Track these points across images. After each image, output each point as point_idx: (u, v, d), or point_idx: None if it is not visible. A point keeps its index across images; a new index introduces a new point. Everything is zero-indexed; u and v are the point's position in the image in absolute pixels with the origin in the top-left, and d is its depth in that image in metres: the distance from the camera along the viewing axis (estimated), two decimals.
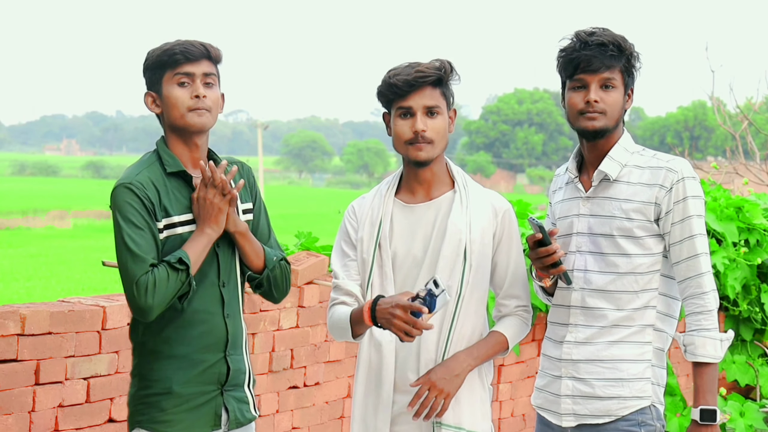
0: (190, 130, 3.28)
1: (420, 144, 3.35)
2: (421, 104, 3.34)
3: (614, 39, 3.40)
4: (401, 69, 3.37)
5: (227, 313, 3.33)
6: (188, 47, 3.27)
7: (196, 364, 3.27)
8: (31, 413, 4.18)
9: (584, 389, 3.46)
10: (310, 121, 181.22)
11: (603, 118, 3.40)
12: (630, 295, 3.43)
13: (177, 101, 3.26)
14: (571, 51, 3.42)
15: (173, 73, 3.26)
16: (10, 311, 4.10)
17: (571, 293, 3.49)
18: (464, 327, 3.39)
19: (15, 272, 25.70)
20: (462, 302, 3.38)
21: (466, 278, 3.38)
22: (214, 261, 3.30)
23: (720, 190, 7.54)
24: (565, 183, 3.62)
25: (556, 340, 3.55)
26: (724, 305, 7.52)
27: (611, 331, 3.44)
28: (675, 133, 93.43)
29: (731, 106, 10.79)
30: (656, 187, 3.40)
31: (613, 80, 3.40)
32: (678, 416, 6.72)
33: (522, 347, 6.25)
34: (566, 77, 3.46)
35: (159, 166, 3.27)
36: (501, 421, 6.30)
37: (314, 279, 5.37)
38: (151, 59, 3.31)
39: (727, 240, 7.12)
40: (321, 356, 5.43)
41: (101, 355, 4.40)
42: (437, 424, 3.36)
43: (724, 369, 7.42)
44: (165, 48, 3.29)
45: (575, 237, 3.50)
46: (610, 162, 3.45)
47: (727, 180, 10.26)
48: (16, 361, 4.12)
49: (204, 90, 3.27)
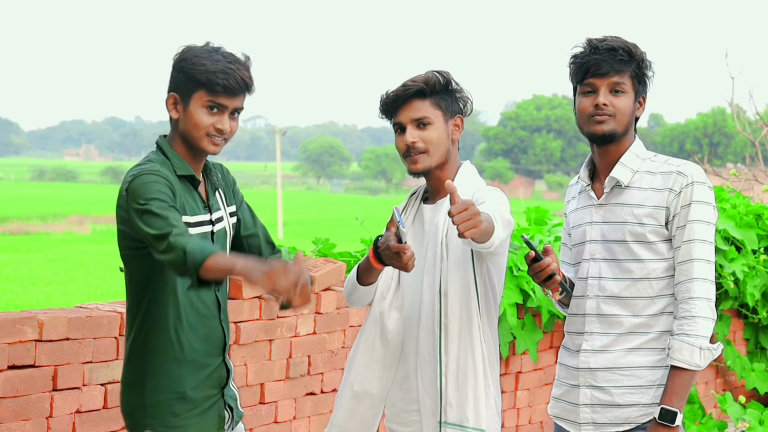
0: (202, 153, 3.27)
1: (413, 156, 3.43)
2: (408, 117, 3.43)
3: (624, 44, 3.40)
4: (395, 87, 3.47)
5: (222, 317, 3.36)
6: (231, 81, 3.17)
7: (203, 368, 3.27)
8: (48, 419, 4.19)
9: (603, 397, 3.44)
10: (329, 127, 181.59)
11: (612, 121, 3.39)
12: (645, 300, 3.41)
13: (200, 124, 3.20)
14: (581, 56, 3.43)
15: (207, 98, 3.18)
16: (27, 317, 4.11)
17: (585, 301, 3.48)
18: (455, 333, 3.41)
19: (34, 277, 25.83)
20: (447, 305, 3.41)
21: (444, 277, 3.41)
22: None
23: (739, 197, 7.51)
24: (578, 192, 3.62)
25: (573, 349, 3.54)
26: (744, 313, 7.48)
27: (628, 338, 3.42)
28: (694, 140, 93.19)
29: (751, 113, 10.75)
30: (666, 191, 3.38)
31: (622, 85, 3.39)
32: (697, 424, 6.69)
33: (540, 354, 6.23)
34: (577, 82, 3.47)
35: (169, 166, 3.23)
36: (519, 429, 6.28)
37: (331, 285, 5.37)
38: (190, 70, 3.18)
39: (747, 247, 7.08)
40: (338, 363, 5.42)
41: (119, 361, 4.40)
42: (443, 423, 3.38)
43: (744, 377, 7.39)
44: (209, 68, 3.16)
45: (588, 245, 3.49)
46: (621, 168, 3.44)
47: (747, 187, 10.21)
48: (33, 367, 4.13)
49: (228, 124, 3.24)
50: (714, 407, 7.35)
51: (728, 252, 6.98)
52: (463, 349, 3.40)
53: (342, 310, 5.40)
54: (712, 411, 7.30)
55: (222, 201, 3.40)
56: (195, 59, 3.18)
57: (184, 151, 3.26)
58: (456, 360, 3.40)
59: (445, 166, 3.48)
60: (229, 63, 3.19)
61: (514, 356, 6.17)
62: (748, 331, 7.60)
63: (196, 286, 2.99)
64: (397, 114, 3.46)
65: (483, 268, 3.43)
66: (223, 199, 3.41)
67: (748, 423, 6.76)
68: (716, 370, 7.46)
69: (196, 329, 3.26)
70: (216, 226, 3.32)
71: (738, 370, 7.36)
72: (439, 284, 3.42)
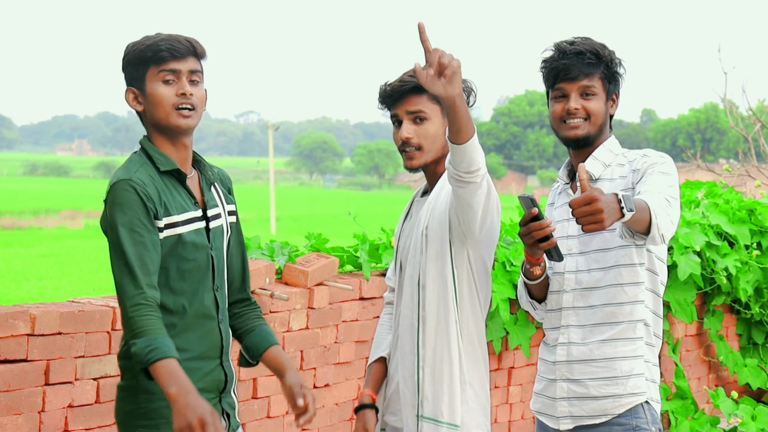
0: (176, 131, 3.18)
1: (408, 152, 3.44)
2: (405, 111, 3.43)
3: (592, 47, 3.44)
4: (395, 79, 3.47)
5: (221, 318, 3.26)
6: (174, 44, 3.14)
7: (196, 372, 3.15)
8: (40, 413, 4.18)
9: (579, 390, 3.47)
10: (321, 122, 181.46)
11: (585, 125, 3.45)
12: (616, 288, 3.43)
13: (162, 99, 3.13)
14: (550, 61, 3.48)
15: (158, 70, 3.13)
16: (20, 311, 4.10)
17: (562, 295, 3.51)
18: (432, 327, 3.42)
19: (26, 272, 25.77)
20: (424, 298, 3.42)
21: (422, 270, 3.43)
22: (209, 264, 3.21)
23: (732, 192, 7.52)
24: (559, 193, 3.68)
25: (550, 344, 3.58)
26: (736, 308, 7.49)
27: (602, 328, 3.45)
28: (687, 136, 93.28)
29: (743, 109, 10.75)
30: (630, 173, 3.42)
31: (592, 87, 3.44)
32: (689, 419, 6.69)
33: (532, 350, 6.23)
34: (548, 87, 3.52)
35: (151, 165, 3.16)
36: (512, 424, 6.29)
37: (324, 280, 5.36)
38: (133, 54, 3.16)
39: (740, 243, 7.09)
40: (331, 358, 5.42)
41: (111, 355, 4.40)
42: (420, 417, 3.40)
43: (736, 373, 7.40)
44: (148, 43, 3.15)
45: (566, 240, 3.52)
46: (593, 161, 3.49)
47: (740, 182, 10.22)
48: (26, 361, 4.12)
49: (190, 88, 3.16)
50: (706, 402, 7.36)
51: (721, 247, 6.99)
52: (440, 343, 3.40)
53: (335, 305, 5.39)
54: (704, 406, 7.31)
55: (219, 197, 3.31)
56: (135, 45, 3.18)
57: (164, 143, 3.19)
58: (432, 353, 3.41)
59: (441, 160, 3.46)
60: (167, 35, 3.18)
61: (507, 351, 6.17)
62: (741, 326, 7.61)
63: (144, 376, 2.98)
64: (394, 107, 3.46)
65: (464, 261, 3.41)
66: (220, 196, 3.32)
67: (740, 418, 6.77)
68: (709, 365, 7.47)
69: (190, 329, 3.17)
70: (212, 222, 3.23)
71: (731, 365, 7.37)
72: (419, 276, 3.43)
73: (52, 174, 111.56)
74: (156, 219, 3.07)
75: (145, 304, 2.97)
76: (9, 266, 26.97)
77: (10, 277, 24.21)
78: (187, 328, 3.17)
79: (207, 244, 3.19)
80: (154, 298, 3.00)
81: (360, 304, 5.54)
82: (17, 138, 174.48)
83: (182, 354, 3.10)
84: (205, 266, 3.20)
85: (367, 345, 5.57)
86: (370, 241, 5.74)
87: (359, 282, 5.53)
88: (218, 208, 3.28)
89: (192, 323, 3.18)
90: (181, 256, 3.13)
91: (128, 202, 3.04)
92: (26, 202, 57.00)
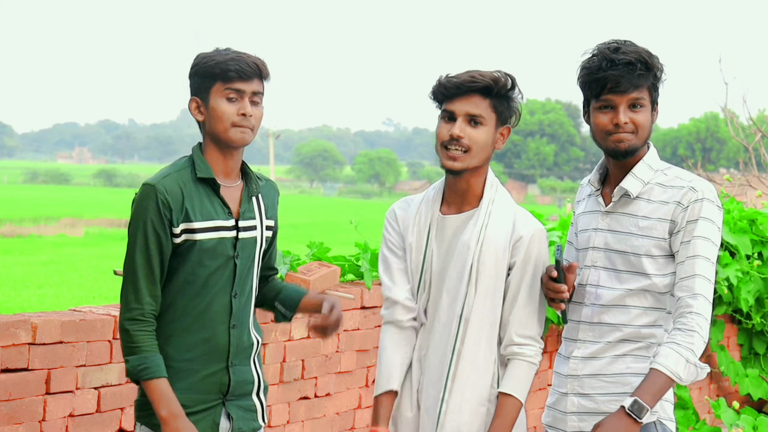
0: (231, 146, 3.29)
1: (453, 152, 3.26)
2: (464, 110, 3.26)
3: (641, 56, 3.29)
4: (459, 73, 3.30)
5: (233, 324, 3.30)
6: (242, 65, 3.25)
7: (193, 373, 3.24)
8: (41, 423, 4.17)
9: (588, 405, 3.41)
10: (322, 131, 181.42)
11: (633, 138, 3.31)
12: (638, 310, 3.36)
13: (223, 115, 3.25)
14: (596, 70, 3.30)
15: (224, 87, 3.25)
16: (21, 320, 4.10)
17: (582, 309, 3.45)
18: (468, 362, 3.27)
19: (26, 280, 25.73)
20: (465, 331, 3.28)
21: (468, 303, 3.27)
22: (229, 270, 3.28)
23: (733, 202, 7.53)
24: (588, 195, 3.56)
25: (565, 356, 3.52)
26: (737, 318, 7.49)
27: (617, 346, 3.38)
28: (687, 145, 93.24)
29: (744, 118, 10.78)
30: (674, 204, 3.31)
31: (641, 100, 3.30)
32: (690, 430, 6.68)
33: None
34: (591, 96, 3.36)
35: (190, 170, 3.27)
36: None
37: (326, 289, 5.36)
38: (202, 66, 3.28)
39: (741, 253, 7.08)
40: (332, 367, 5.41)
41: (112, 364, 4.39)
42: None
43: (737, 383, 7.39)
44: (219, 59, 3.26)
45: (591, 251, 3.44)
46: (632, 179, 3.36)
47: (740, 192, 10.23)
48: (27, 371, 4.12)
49: (251, 109, 3.27)
50: (708, 413, 7.35)
51: (722, 257, 6.98)
52: (472, 383, 3.28)
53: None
54: (705, 416, 7.30)
55: (259, 210, 3.39)
56: (206, 58, 3.30)
57: (215, 152, 3.31)
58: (461, 391, 3.27)
59: (480, 170, 3.33)
60: (237, 53, 3.29)
61: None
62: (742, 336, 7.61)
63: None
64: (452, 101, 3.28)
65: None
66: (261, 208, 3.40)
67: (741, 429, 6.76)
68: (710, 375, 7.46)
69: (192, 330, 3.24)
70: (243, 233, 3.31)
71: (732, 375, 7.36)
72: (461, 308, 3.28)
73: (52, 182, 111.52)
74: (172, 225, 3.20)
75: (141, 320, 3.19)
76: (9, 274, 26.94)
77: (10, 284, 24.18)
78: (188, 329, 3.25)
79: (230, 252, 3.28)
80: (152, 312, 3.22)
81: (361, 313, 5.53)
82: (18, 146, 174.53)
83: (179, 354, 3.25)
84: (225, 273, 3.28)
85: (368, 354, 5.56)
86: (372, 250, 5.74)
87: (361, 291, 5.52)
88: (254, 221, 3.37)
89: (194, 326, 3.26)
90: (195, 261, 3.23)
91: (145, 208, 3.21)
92: (26, 209, 56.95)
